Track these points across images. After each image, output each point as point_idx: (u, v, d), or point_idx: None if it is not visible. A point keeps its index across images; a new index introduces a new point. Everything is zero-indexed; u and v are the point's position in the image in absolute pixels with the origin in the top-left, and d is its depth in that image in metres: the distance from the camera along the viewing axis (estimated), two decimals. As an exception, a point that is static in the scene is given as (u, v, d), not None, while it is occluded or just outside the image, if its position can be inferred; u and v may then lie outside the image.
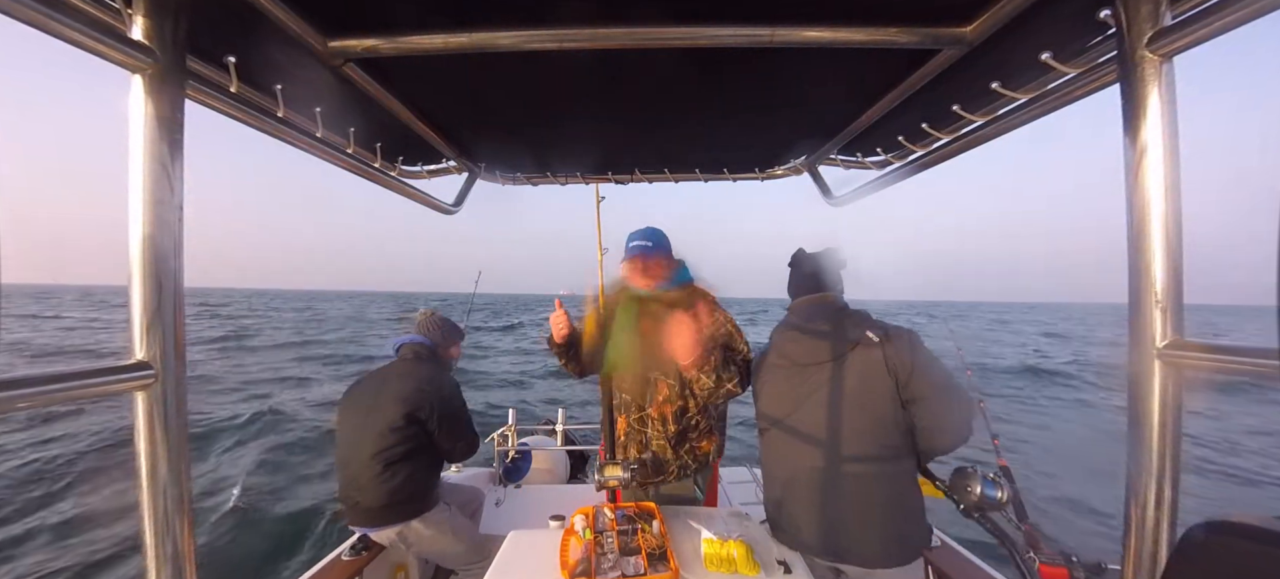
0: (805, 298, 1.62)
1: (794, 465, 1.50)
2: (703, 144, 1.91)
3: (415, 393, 2.00)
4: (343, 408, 2.10)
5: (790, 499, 1.50)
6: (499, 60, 1.13)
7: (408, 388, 2.00)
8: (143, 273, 0.71)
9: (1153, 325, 0.76)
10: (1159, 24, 0.76)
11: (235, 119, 1.09)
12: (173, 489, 0.72)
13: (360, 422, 2.00)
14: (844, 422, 1.42)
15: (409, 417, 1.96)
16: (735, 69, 1.23)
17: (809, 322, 1.56)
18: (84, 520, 4.66)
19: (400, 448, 1.95)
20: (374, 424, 1.96)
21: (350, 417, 2.04)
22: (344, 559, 2.05)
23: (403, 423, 1.95)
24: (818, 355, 1.49)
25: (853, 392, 1.42)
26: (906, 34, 1.00)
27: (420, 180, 1.92)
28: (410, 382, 2.02)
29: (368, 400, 2.04)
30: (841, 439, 1.41)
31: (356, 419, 2.01)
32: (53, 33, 0.62)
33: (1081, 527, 4.77)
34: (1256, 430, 8.61)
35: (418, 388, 2.01)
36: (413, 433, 1.98)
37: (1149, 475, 0.78)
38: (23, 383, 0.57)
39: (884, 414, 1.39)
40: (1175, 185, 0.76)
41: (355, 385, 2.15)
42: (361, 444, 1.95)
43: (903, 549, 1.41)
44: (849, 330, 1.47)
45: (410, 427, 1.97)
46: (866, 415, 1.40)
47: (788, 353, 1.57)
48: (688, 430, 1.71)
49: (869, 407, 1.40)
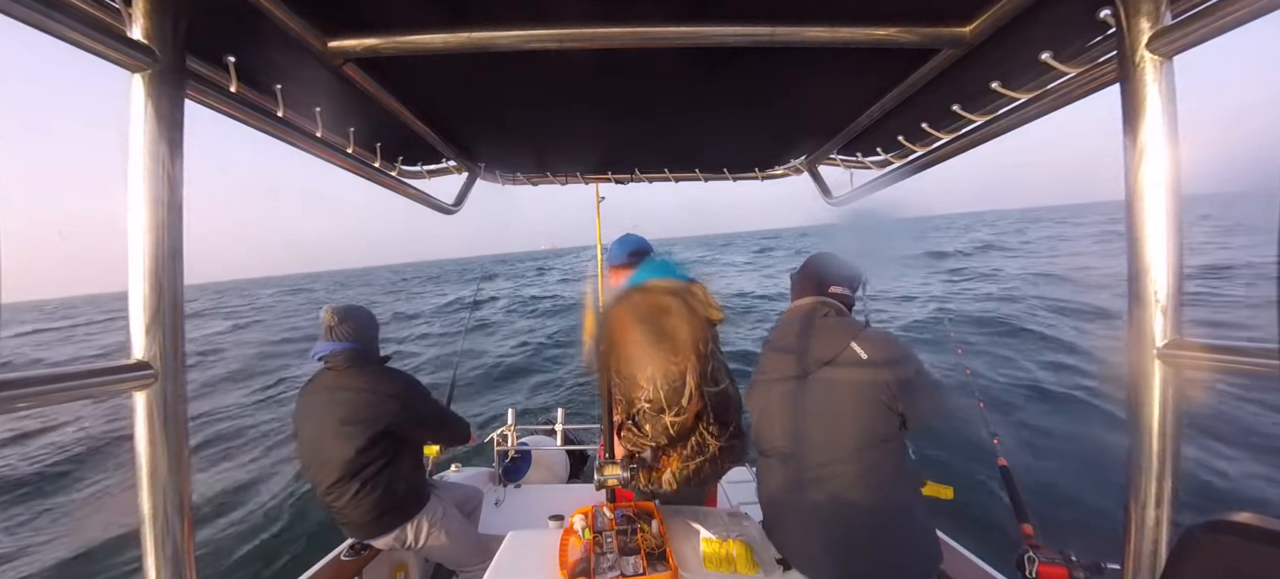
0: (795, 304, 1.58)
1: (788, 486, 1.44)
2: (703, 144, 1.91)
3: (368, 409, 1.85)
4: (298, 432, 1.96)
5: (788, 522, 1.45)
6: (499, 60, 1.13)
7: (359, 405, 1.85)
8: (143, 273, 0.71)
9: (1153, 325, 0.76)
10: (1159, 24, 0.76)
11: (235, 119, 1.09)
12: (172, 490, 0.72)
13: (318, 445, 1.88)
14: (845, 427, 1.35)
15: (374, 437, 1.85)
16: (735, 68, 1.23)
17: (797, 325, 1.50)
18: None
19: (373, 466, 1.86)
20: (337, 448, 1.84)
21: (307, 440, 1.92)
22: (343, 559, 2.04)
23: (369, 443, 1.84)
24: (814, 356, 1.42)
25: (842, 402, 1.36)
26: (906, 34, 1.00)
27: (420, 180, 1.92)
28: (360, 396, 1.86)
29: (317, 421, 1.89)
30: (844, 447, 1.34)
31: (314, 443, 1.89)
32: (53, 33, 0.62)
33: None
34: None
35: (369, 402, 1.86)
36: (384, 446, 1.88)
37: (1149, 475, 0.78)
38: (23, 383, 0.57)
39: (877, 425, 1.32)
40: (1175, 185, 0.76)
41: (300, 404, 1.98)
42: (327, 468, 1.85)
43: (913, 570, 1.35)
44: (832, 338, 1.41)
45: (381, 442, 1.87)
46: (860, 429, 1.33)
47: (769, 368, 1.53)
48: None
49: (862, 418, 1.33)
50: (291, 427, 2.01)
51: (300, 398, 1.98)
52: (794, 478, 1.42)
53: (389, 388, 1.91)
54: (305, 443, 1.92)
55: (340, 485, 1.85)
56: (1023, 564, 1.41)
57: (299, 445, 1.95)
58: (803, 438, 1.41)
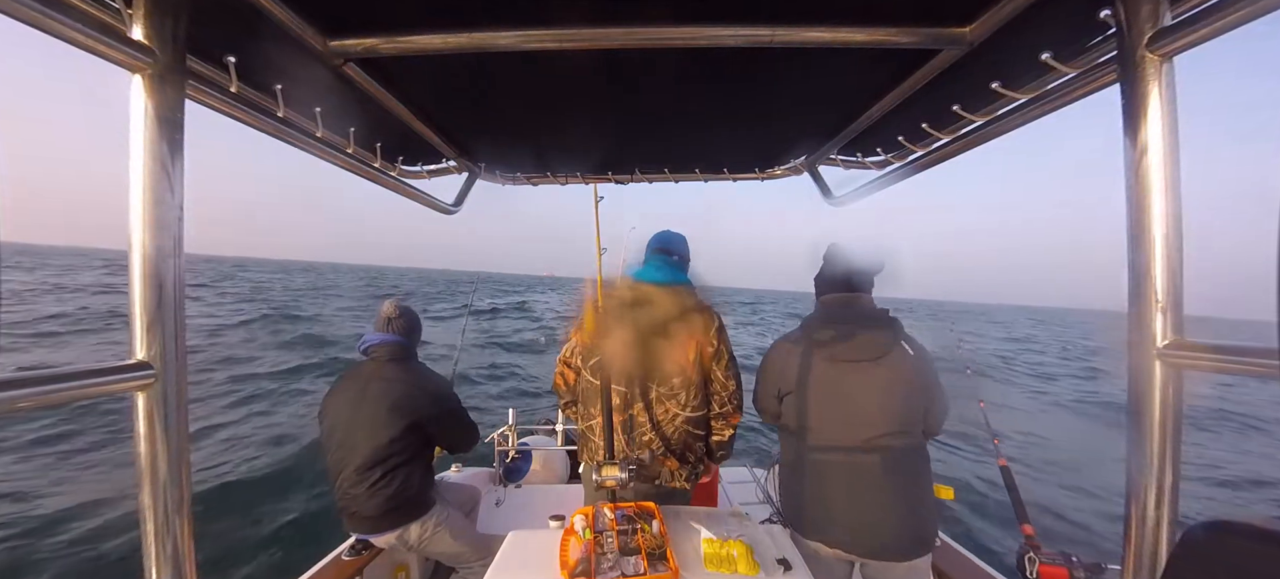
0: (839, 295, 1.63)
1: (830, 463, 1.53)
2: (703, 144, 1.91)
3: (409, 400, 1.94)
4: (326, 416, 2.02)
5: (823, 496, 1.54)
6: (499, 60, 1.13)
7: (399, 394, 1.94)
8: (143, 273, 0.71)
9: (1153, 326, 0.76)
10: (1159, 24, 0.76)
11: (235, 119, 1.09)
12: (173, 489, 0.73)
13: (348, 431, 1.94)
14: (884, 420, 1.47)
15: (410, 426, 1.93)
16: (735, 69, 1.23)
17: (847, 321, 1.58)
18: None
19: (398, 457, 1.92)
20: (367, 434, 1.90)
21: (337, 426, 1.97)
22: (344, 559, 2.05)
23: (402, 433, 1.91)
24: (859, 354, 1.52)
25: (892, 392, 1.48)
26: (906, 34, 1.00)
27: (420, 180, 1.92)
28: (400, 387, 1.95)
29: (350, 409, 1.95)
30: (881, 438, 1.47)
31: (344, 428, 1.95)
32: (53, 32, 0.62)
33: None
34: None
35: (410, 394, 1.95)
36: (412, 440, 1.95)
37: (1149, 475, 0.78)
38: (23, 383, 0.58)
39: (914, 416, 1.49)
40: (1175, 185, 0.76)
41: (333, 392, 2.05)
42: (353, 454, 1.91)
43: (924, 544, 1.49)
44: (887, 333, 1.53)
45: (410, 435, 1.94)
46: (902, 416, 1.48)
47: (829, 351, 1.57)
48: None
49: (903, 408, 1.48)
50: (320, 412, 2.06)
51: (336, 386, 2.06)
52: (831, 460, 1.53)
53: (427, 384, 2.02)
54: (335, 427, 1.97)
55: (363, 472, 1.89)
56: (1023, 564, 1.41)
57: (327, 431, 2.00)
58: (844, 425, 1.51)
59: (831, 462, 1.52)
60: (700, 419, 1.69)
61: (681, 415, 1.65)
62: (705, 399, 1.69)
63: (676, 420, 1.65)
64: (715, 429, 1.76)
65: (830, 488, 1.52)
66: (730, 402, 1.73)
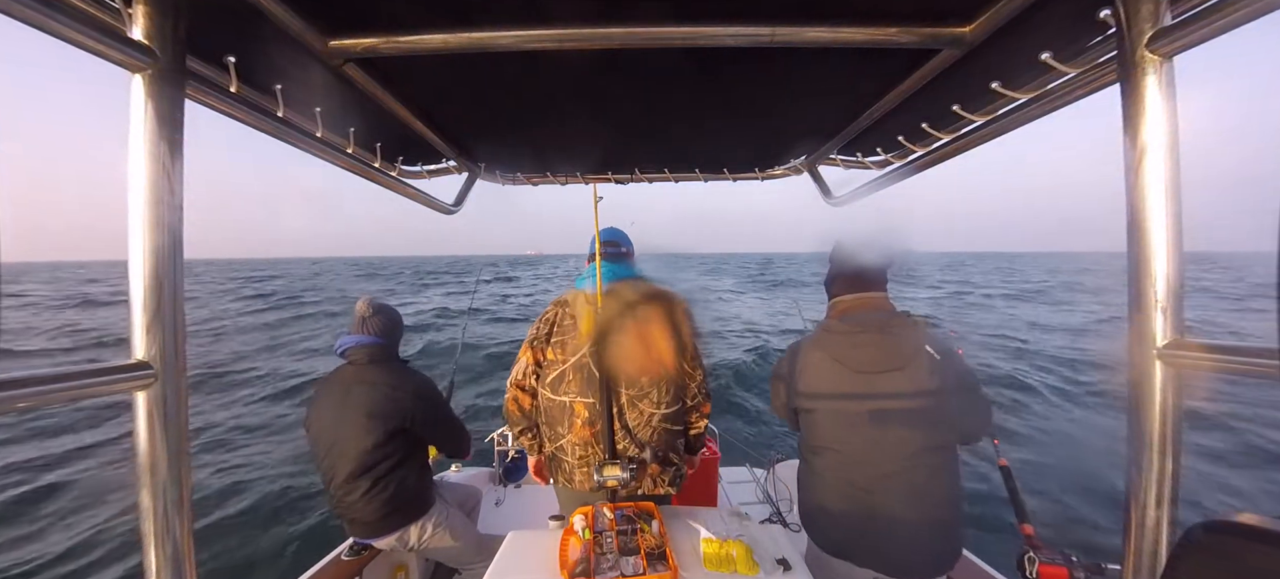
0: (855, 296, 1.54)
1: (855, 480, 1.45)
2: (702, 144, 1.91)
3: (389, 404, 1.87)
4: (312, 426, 1.96)
5: (849, 515, 1.46)
6: (499, 60, 1.13)
7: (378, 399, 1.87)
8: (143, 273, 0.71)
9: (1153, 325, 0.76)
10: (1159, 24, 0.76)
11: (235, 119, 1.09)
12: (173, 489, 0.73)
13: (335, 439, 1.88)
14: (911, 434, 1.39)
15: (392, 432, 1.87)
16: (735, 69, 1.23)
17: (866, 327, 1.48)
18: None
19: (386, 463, 1.87)
20: (351, 442, 1.85)
21: (323, 434, 1.92)
22: (344, 559, 2.04)
23: (386, 439, 1.86)
24: (881, 363, 1.43)
25: (917, 402, 1.39)
26: (906, 34, 1.00)
27: (420, 180, 1.92)
28: (380, 391, 1.88)
29: (334, 416, 1.89)
30: (909, 453, 1.39)
31: (330, 437, 1.90)
32: (53, 33, 0.62)
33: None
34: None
35: (390, 397, 1.88)
36: (398, 444, 1.90)
37: (1149, 475, 0.78)
38: (23, 382, 0.58)
39: (943, 426, 1.40)
40: (1175, 185, 0.76)
41: (315, 401, 1.99)
42: (342, 461, 1.86)
43: (953, 556, 1.44)
44: (910, 338, 1.43)
45: (394, 440, 1.88)
46: (929, 427, 1.39)
47: (848, 361, 1.48)
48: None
49: (930, 418, 1.39)
50: (306, 421, 2.00)
51: (318, 392, 2.00)
52: (855, 477, 1.45)
53: (410, 385, 1.94)
54: (321, 436, 1.93)
55: (353, 481, 1.85)
56: (1023, 565, 1.41)
57: (313, 439, 1.95)
58: (870, 439, 1.43)
59: (856, 479, 1.44)
60: (675, 415, 1.65)
61: (657, 414, 1.61)
62: (677, 393, 1.66)
63: (653, 421, 1.62)
64: (691, 423, 1.75)
65: (856, 506, 1.44)
66: (700, 392, 1.72)
